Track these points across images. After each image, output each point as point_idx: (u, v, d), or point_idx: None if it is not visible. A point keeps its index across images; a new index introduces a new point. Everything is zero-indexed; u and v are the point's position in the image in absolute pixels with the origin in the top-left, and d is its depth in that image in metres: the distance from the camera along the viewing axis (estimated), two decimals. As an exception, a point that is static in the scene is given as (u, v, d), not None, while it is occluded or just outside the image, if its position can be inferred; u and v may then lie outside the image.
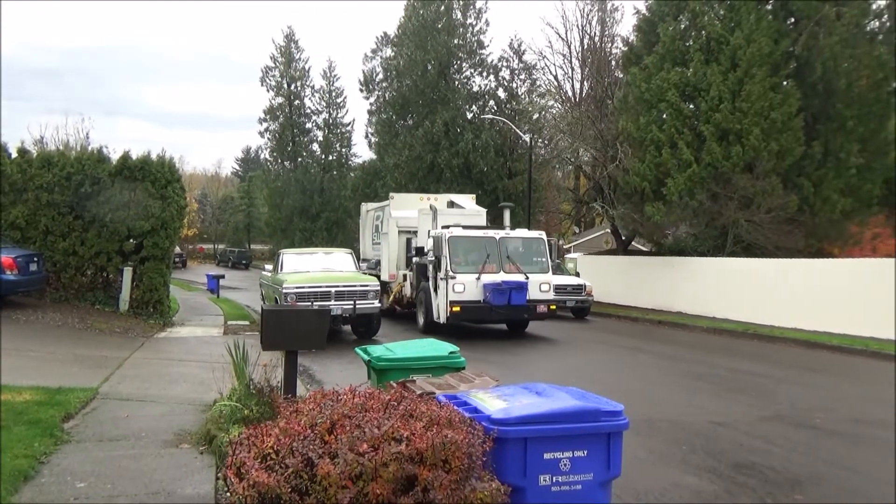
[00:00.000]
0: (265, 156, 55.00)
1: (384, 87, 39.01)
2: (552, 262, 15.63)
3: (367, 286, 13.92)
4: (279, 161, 51.85)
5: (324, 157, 51.20)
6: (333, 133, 50.95)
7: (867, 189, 20.11)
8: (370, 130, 40.88)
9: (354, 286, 13.75)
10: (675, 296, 20.62)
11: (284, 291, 13.33)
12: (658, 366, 11.82)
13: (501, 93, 35.77)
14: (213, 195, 77.67)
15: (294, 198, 48.34)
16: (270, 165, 53.05)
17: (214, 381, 7.16)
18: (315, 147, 51.81)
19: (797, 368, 11.59)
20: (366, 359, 6.07)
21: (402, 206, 18.33)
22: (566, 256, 27.74)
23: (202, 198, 74.55)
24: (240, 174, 79.43)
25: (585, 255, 27.43)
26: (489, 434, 3.76)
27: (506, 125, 31.07)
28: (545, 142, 32.58)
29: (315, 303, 12.88)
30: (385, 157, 36.61)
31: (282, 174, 50.94)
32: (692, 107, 21.05)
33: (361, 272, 16.68)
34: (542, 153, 32.57)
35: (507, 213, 17.16)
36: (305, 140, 51.41)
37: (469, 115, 34.73)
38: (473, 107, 35.49)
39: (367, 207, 21.96)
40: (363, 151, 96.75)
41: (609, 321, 19.68)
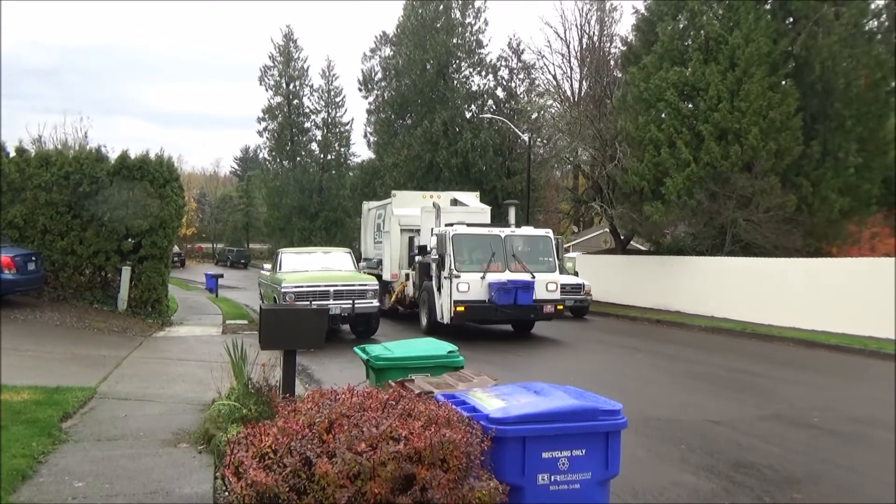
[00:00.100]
0: (264, 155, 54.98)
1: (383, 87, 39.02)
2: (558, 261, 15.22)
3: (366, 285, 13.92)
4: (278, 160, 51.80)
5: (322, 157, 51.16)
6: (332, 132, 50.90)
7: (865, 188, 20.15)
8: (369, 130, 40.91)
9: (353, 285, 13.75)
10: (674, 295, 20.64)
11: (283, 291, 13.32)
12: (656, 365, 11.82)
13: (500, 92, 35.78)
14: (212, 194, 77.63)
15: (293, 197, 48.32)
16: (269, 165, 52.99)
17: (213, 381, 7.16)
18: (314, 146, 51.77)
19: (795, 367, 11.61)
20: (364, 358, 6.07)
21: (405, 204, 17.95)
22: (565, 256, 27.69)
23: (201, 197, 74.54)
24: (238, 173, 79.40)
25: (584, 255, 27.43)
26: (487, 433, 3.75)
27: (504, 124, 31.07)
28: (544, 141, 32.59)
29: (314, 302, 12.88)
30: (384, 157, 36.61)
31: (280, 173, 50.90)
32: (691, 106, 21.07)
33: (360, 271, 16.66)
34: (541, 152, 32.58)
35: (513, 211, 16.84)
36: (304, 139, 51.37)
37: (468, 115, 34.73)
38: (472, 106, 35.49)
39: (369, 206, 21.58)
40: (362, 151, 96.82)
41: (607, 320, 19.69)
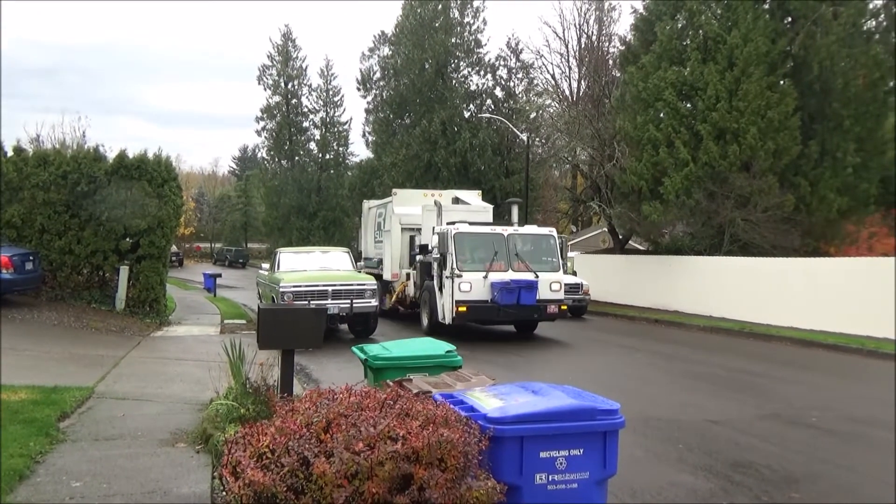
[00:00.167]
0: (262, 154, 55.02)
1: (381, 86, 39.04)
2: (562, 261, 14.81)
3: (364, 285, 13.91)
4: (276, 160, 51.80)
5: (321, 156, 51.17)
6: (330, 132, 50.91)
7: (863, 188, 20.18)
8: (367, 129, 40.95)
9: (351, 285, 13.74)
10: (672, 295, 20.65)
11: (281, 290, 13.32)
12: (654, 364, 11.83)
13: (499, 92, 35.82)
14: (210, 194, 77.60)
15: (291, 196, 48.31)
16: (267, 164, 52.99)
17: (211, 380, 7.15)
18: (312, 146, 51.79)
19: (793, 367, 11.62)
20: (362, 358, 6.07)
21: (406, 203, 17.67)
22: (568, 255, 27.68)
23: (199, 196, 74.46)
24: (237, 173, 79.36)
25: (582, 254, 27.42)
26: (485, 433, 3.75)
27: (503, 124, 31.08)
28: (542, 141, 32.61)
29: (312, 302, 12.86)
30: (382, 156, 36.63)
31: (279, 173, 50.89)
32: (689, 106, 21.09)
33: (360, 271, 16.63)
34: (540, 152, 32.61)
35: (515, 209, 16.58)
36: (302, 139, 51.38)
37: (466, 114, 34.76)
38: (471, 105, 35.52)
39: (370, 204, 21.27)
40: (360, 150, 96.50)
41: (606, 320, 19.70)
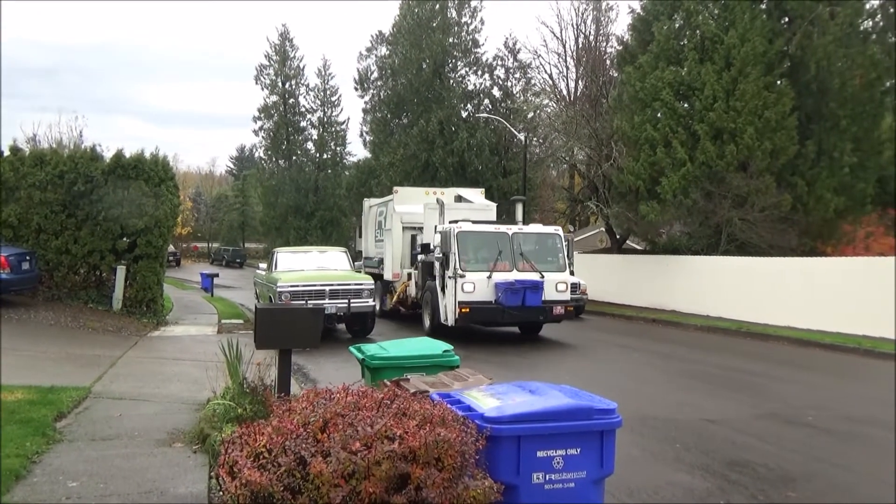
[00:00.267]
0: (260, 154, 54.97)
1: (379, 86, 39.04)
2: (569, 260, 14.37)
3: (362, 285, 13.91)
4: (274, 159, 51.76)
5: (318, 156, 51.15)
6: (328, 131, 50.89)
7: (860, 188, 20.21)
8: (365, 129, 40.96)
9: (349, 285, 13.73)
10: (670, 294, 20.67)
11: (278, 290, 13.31)
12: (652, 364, 11.84)
13: (496, 91, 35.82)
14: (208, 193, 77.49)
15: (288, 196, 48.27)
16: (265, 164, 52.95)
17: (208, 380, 7.14)
18: (310, 145, 51.76)
19: (790, 366, 11.64)
20: (360, 357, 6.07)
21: (407, 201, 17.38)
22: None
23: (196, 196, 74.33)
24: (234, 172, 79.28)
25: (580, 254, 27.41)
26: (482, 432, 3.76)
27: (501, 124, 31.08)
28: (540, 140, 32.62)
29: (309, 301, 12.86)
30: (380, 156, 36.61)
31: (276, 172, 50.85)
32: (686, 106, 21.10)
33: (360, 271, 16.59)
34: (537, 152, 32.62)
35: (520, 208, 16.26)
36: (300, 138, 51.37)
37: (464, 114, 34.76)
38: (468, 105, 35.52)
39: (370, 203, 20.89)
40: (358, 150, 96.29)
41: (603, 320, 19.71)
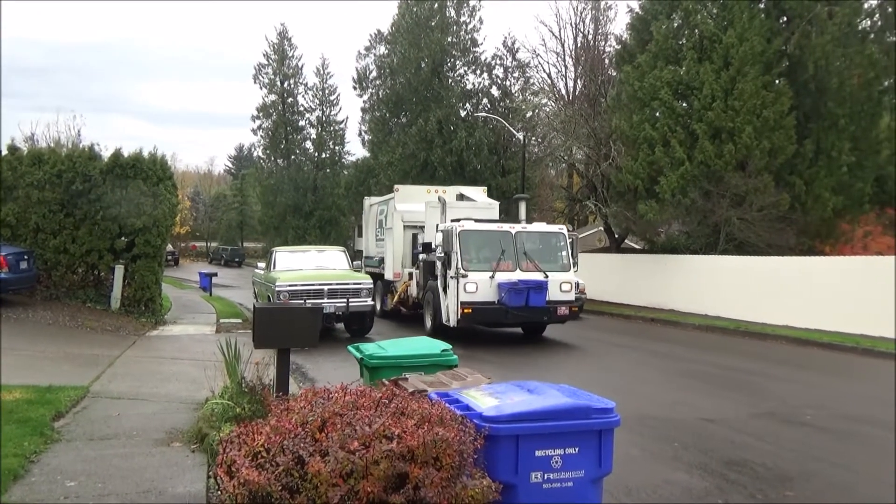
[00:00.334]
0: (258, 153, 54.80)
1: (378, 85, 38.99)
2: (573, 259, 14.20)
3: (360, 284, 13.91)
4: (272, 158, 51.68)
5: (317, 155, 51.08)
6: (327, 131, 50.82)
7: (858, 187, 20.24)
8: (363, 128, 40.89)
9: (347, 284, 13.74)
10: (668, 293, 20.68)
11: (277, 289, 13.31)
12: (650, 363, 11.85)
13: (495, 91, 35.76)
14: (206, 193, 77.43)
15: (287, 195, 48.21)
16: (263, 163, 52.85)
17: (206, 380, 7.13)
18: (308, 145, 51.68)
19: (788, 366, 11.65)
20: (358, 357, 6.07)
21: (408, 199, 17.15)
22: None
23: (195, 195, 74.26)
24: (233, 172, 79.22)
25: (579, 253, 27.39)
26: (481, 431, 3.76)
27: (499, 123, 31.07)
28: (538, 140, 32.60)
29: (308, 301, 12.86)
30: (378, 155, 36.57)
31: (275, 172, 50.77)
32: (685, 105, 21.11)
33: (361, 270, 16.56)
34: (536, 151, 32.60)
35: (523, 206, 16.11)
36: (298, 138, 51.28)
37: (462, 113, 34.71)
38: (467, 104, 35.47)
39: (371, 201, 20.65)
40: (356, 149, 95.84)
41: (602, 319, 19.72)
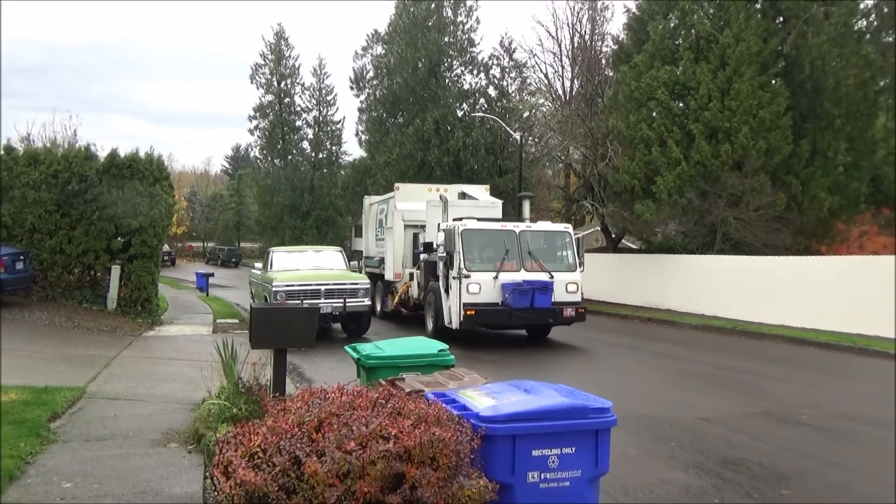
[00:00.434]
0: (255, 153, 54.68)
1: (375, 85, 38.97)
2: (579, 259, 13.74)
3: (357, 284, 13.90)
4: (269, 159, 51.58)
5: (314, 155, 50.99)
6: (324, 131, 50.75)
7: (854, 187, 20.27)
8: (360, 128, 40.81)
9: (344, 284, 13.73)
10: (665, 293, 20.71)
11: (274, 289, 13.29)
12: (647, 363, 11.86)
13: (492, 91, 35.79)
14: (203, 193, 77.29)
15: (284, 195, 48.14)
16: (260, 163, 52.75)
17: (203, 380, 7.13)
18: (305, 145, 51.60)
19: (785, 365, 11.67)
20: (355, 357, 6.07)
21: (408, 198, 16.86)
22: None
23: (191, 195, 74.17)
24: (229, 172, 79.03)
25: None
26: (477, 431, 3.76)
27: (496, 123, 31.08)
28: (535, 140, 32.63)
29: (305, 301, 12.85)
30: (375, 155, 36.54)
31: (272, 172, 50.69)
32: (681, 105, 21.13)
33: (360, 270, 16.54)
34: (533, 151, 32.62)
35: (527, 204, 15.84)
36: (295, 138, 51.18)
37: (459, 113, 34.70)
38: (464, 105, 35.47)
39: (371, 200, 20.36)
40: (354, 149, 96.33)
41: (599, 319, 19.70)
